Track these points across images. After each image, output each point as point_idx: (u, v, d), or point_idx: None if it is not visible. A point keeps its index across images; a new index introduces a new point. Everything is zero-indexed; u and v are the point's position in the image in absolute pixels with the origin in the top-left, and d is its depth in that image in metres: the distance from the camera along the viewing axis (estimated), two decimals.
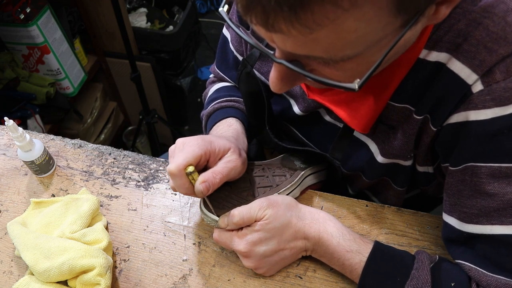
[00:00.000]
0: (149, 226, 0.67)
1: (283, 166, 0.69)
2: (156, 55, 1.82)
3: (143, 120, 1.77)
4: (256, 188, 0.63)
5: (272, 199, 0.58)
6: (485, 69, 0.46)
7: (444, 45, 0.49)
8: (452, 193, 0.54)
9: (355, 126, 0.58)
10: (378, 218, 0.67)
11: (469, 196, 0.52)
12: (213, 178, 0.56)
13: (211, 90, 0.85)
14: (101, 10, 1.62)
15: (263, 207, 0.56)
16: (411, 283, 0.52)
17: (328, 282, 0.60)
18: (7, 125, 0.64)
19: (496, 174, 0.48)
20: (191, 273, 0.62)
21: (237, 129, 0.71)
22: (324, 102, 0.60)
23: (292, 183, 0.66)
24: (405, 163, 0.61)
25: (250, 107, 0.74)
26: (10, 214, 0.70)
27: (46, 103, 1.47)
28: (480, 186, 0.50)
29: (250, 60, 0.69)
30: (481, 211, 0.51)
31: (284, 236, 0.57)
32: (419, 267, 0.53)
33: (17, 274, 0.63)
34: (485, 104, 0.47)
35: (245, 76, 0.70)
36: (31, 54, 1.45)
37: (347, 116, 0.58)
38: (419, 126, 0.55)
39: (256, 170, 0.67)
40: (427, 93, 0.52)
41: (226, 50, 0.79)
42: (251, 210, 0.56)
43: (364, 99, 0.55)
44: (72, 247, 0.58)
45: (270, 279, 0.61)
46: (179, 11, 1.99)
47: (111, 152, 0.77)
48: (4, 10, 1.33)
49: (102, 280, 0.57)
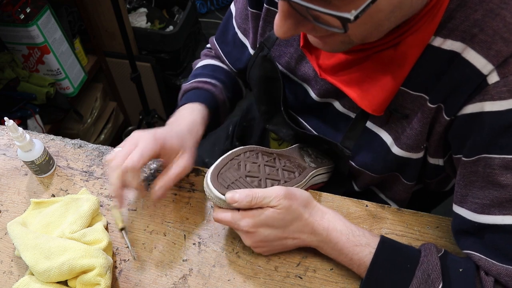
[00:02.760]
0: (149, 226, 0.67)
1: (293, 160, 0.69)
2: (156, 55, 1.82)
3: (143, 120, 1.77)
4: (265, 179, 0.63)
5: (290, 191, 0.57)
6: (501, 60, 0.47)
7: (460, 34, 0.49)
8: (464, 184, 0.54)
9: (365, 107, 0.58)
10: (378, 218, 0.67)
11: (482, 187, 0.52)
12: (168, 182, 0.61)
13: (200, 63, 0.87)
14: (101, 10, 1.62)
15: (279, 196, 0.56)
16: (421, 268, 0.53)
17: (328, 282, 0.61)
18: (7, 125, 0.64)
19: (510, 166, 0.49)
20: (191, 273, 0.62)
21: (195, 119, 0.72)
22: (335, 82, 0.60)
23: (300, 183, 0.66)
24: (417, 156, 0.61)
25: (262, 92, 0.74)
26: (10, 214, 0.70)
27: (46, 103, 1.47)
28: (493, 177, 0.50)
29: (268, 43, 0.69)
30: (493, 201, 0.51)
31: (292, 227, 0.58)
32: (427, 254, 0.54)
33: (17, 274, 0.63)
34: (501, 95, 0.47)
35: (261, 60, 0.71)
36: (31, 54, 1.45)
37: (358, 96, 0.58)
38: (432, 115, 0.55)
39: (268, 158, 0.67)
40: (441, 82, 0.52)
41: (228, 25, 0.80)
42: (266, 195, 0.56)
43: (376, 80, 0.56)
44: (72, 247, 0.58)
45: (270, 279, 0.61)
46: (179, 11, 1.99)
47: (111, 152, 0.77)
48: (4, 10, 1.33)
49: (102, 280, 0.57)
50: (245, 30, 0.76)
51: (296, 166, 0.68)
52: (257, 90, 0.75)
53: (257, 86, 0.74)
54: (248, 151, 0.66)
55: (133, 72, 1.59)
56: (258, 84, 0.73)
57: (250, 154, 0.66)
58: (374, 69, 0.56)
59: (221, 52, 0.84)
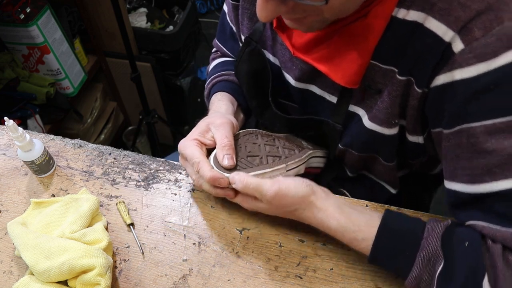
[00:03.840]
0: (149, 226, 0.67)
1: (291, 141, 0.71)
2: (156, 55, 1.82)
3: (143, 120, 1.77)
4: (266, 156, 0.65)
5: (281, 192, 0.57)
6: (460, 25, 0.48)
7: (420, 3, 0.51)
8: (451, 158, 0.54)
9: (338, 80, 0.60)
10: None
11: (469, 157, 0.51)
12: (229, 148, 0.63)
13: (210, 67, 0.89)
14: (101, 10, 1.62)
15: (268, 195, 0.57)
16: (421, 253, 0.52)
17: (328, 282, 0.61)
18: (7, 125, 0.64)
19: (492, 131, 0.49)
20: (191, 273, 0.62)
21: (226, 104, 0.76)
22: (308, 60, 0.62)
23: (301, 158, 0.67)
24: (390, 132, 0.61)
25: (252, 87, 0.75)
26: (10, 214, 0.70)
27: (46, 103, 1.47)
28: (478, 145, 0.50)
29: (254, 37, 0.71)
30: (483, 170, 0.50)
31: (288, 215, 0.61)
32: (429, 235, 0.53)
33: (17, 274, 0.63)
34: (468, 61, 0.48)
35: (248, 55, 0.72)
36: (31, 54, 1.45)
37: (330, 71, 0.60)
38: (403, 88, 0.56)
39: (267, 139, 0.69)
40: (407, 53, 0.54)
41: (224, 23, 0.83)
42: (257, 189, 0.57)
43: (346, 53, 0.58)
44: (72, 247, 0.58)
45: (270, 279, 0.61)
46: (179, 11, 1.99)
47: (111, 152, 0.77)
48: (4, 10, 1.33)
49: (102, 280, 0.57)
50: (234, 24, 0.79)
51: (295, 146, 0.70)
52: (246, 86, 0.76)
53: (246, 81, 0.75)
54: (247, 134, 0.69)
55: (133, 72, 1.59)
56: (247, 79, 0.75)
57: (249, 136, 0.68)
58: (344, 42, 0.58)
59: (225, 49, 0.86)
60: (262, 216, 0.67)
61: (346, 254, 0.63)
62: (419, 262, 0.52)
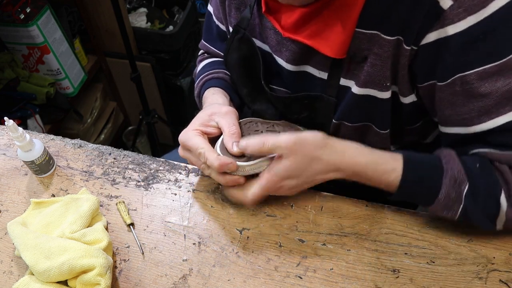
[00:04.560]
0: (149, 226, 0.67)
1: (290, 127, 0.71)
2: (156, 55, 1.82)
3: (143, 120, 1.77)
4: None
5: (300, 138, 0.58)
6: None
7: None
8: (446, 107, 0.58)
9: (328, 52, 0.60)
10: (378, 218, 0.67)
11: (464, 103, 0.56)
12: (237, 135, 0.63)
13: (198, 68, 0.89)
14: (101, 10, 1.62)
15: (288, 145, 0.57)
16: (447, 176, 0.57)
17: (328, 282, 0.61)
18: (7, 125, 0.64)
19: (484, 76, 0.53)
20: (191, 273, 0.62)
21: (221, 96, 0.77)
22: (298, 38, 0.63)
23: None
24: (382, 95, 0.62)
25: (243, 74, 0.75)
26: (10, 214, 0.70)
27: (46, 103, 1.47)
28: (473, 91, 0.54)
29: (242, 24, 0.71)
30: (480, 112, 0.55)
31: (312, 171, 0.59)
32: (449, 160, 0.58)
33: (17, 274, 0.63)
34: (459, 16, 0.50)
35: (237, 43, 0.73)
36: (31, 54, 1.45)
37: (319, 44, 0.61)
38: (393, 49, 0.57)
39: (267, 125, 0.69)
40: (394, 14, 0.55)
41: (210, 23, 0.84)
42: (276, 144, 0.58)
43: (333, 26, 0.59)
44: (72, 247, 0.58)
45: (270, 279, 0.61)
46: (179, 11, 1.99)
47: (111, 152, 0.77)
48: (4, 10, 1.33)
49: (102, 280, 0.57)
50: (221, 19, 0.79)
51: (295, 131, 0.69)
52: (236, 74, 0.76)
53: (236, 69, 0.76)
54: (248, 122, 0.69)
55: (133, 72, 1.59)
56: (237, 67, 0.75)
57: (250, 124, 0.69)
58: (331, 15, 0.59)
59: (214, 49, 0.87)
60: (262, 216, 0.67)
61: (346, 254, 0.63)
62: (447, 182, 0.56)
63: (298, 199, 0.69)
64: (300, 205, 0.68)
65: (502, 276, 0.60)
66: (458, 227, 0.65)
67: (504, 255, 0.62)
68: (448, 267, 0.61)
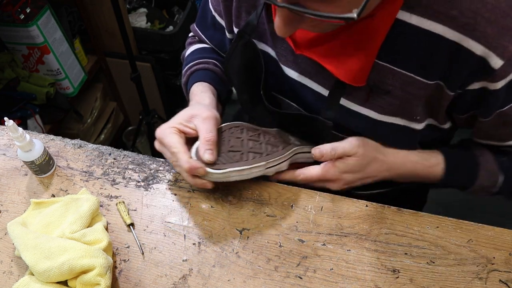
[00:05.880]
0: (149, 226, 0.67)
1: (278, 137, 0.71)
2: (156, 55, 1.82)
3: (143, 120, 1.77)
4: (247, 152, 0.66)
5: (363, 140, 0.65)
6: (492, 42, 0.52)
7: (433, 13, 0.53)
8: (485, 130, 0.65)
9: (342, 77, 0.61)
10: (378, 218, 0.67)
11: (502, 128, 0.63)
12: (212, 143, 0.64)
13: (187, 52, 0.89)
14: (101, 10, 1.62)
15: (355, 145, 0.63)
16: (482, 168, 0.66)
17: (328, 282, 0.61)
18: (7, 125, 0.64)
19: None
20: (191, 273, 0.62)
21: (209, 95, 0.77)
22: (312, 55, 0.63)
23: (283, 155, 0.67)
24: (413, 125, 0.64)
25: (244, 81, 0.75)
26: (10, 214, 0.70)
27: (46, 103, 1.47)
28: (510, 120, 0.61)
29: (248, 29, 0.70)
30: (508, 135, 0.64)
31: (370, 169, 0.66)
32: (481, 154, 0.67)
33: (17, 274, 0.63)
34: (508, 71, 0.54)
35: (242, 48, 0.72)
36: (31, 54, 1.45)
37: (335, 67, 0.61)
38: (432, 91, 0.59)
39: (252, 133, 0.69)
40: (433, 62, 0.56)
41: (206, 9, 0.82)
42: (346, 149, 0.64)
43: (352, 50, 0.59)
44: (72, 247, 0.58)
45: (270, 279, 0.61)
46: (179, 11, 1.99)
47: (111, 152, 0.77)
48: (4, 10, 1.33)
49: (102, 280, 0.57)
50: (220, 13, 0.77)
51: (280, 142, 0.70)
52: (237, 80, 0.76)
53: (237, 75, 0.75)
54: (233, 127, 0.70)
55: (133, 72, 1.59)
56: (238, 73, 0.74)
57: (234, 129, 0.69)
58: (350, 41, 0.59)
59: (204, 37, 0.86)
60: (262, 216, 0.67)
61: (346, 254, 0.63)
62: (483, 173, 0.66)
63: (298, 199, 0.69)
64: (300, 205, 0.68)
65: (502, 276, 0.60)
66: (458, 227, 0.65)
67: (504, 255, 0.62)
68: (448, 267, 0.61)
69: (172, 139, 0.64)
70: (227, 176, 0.63)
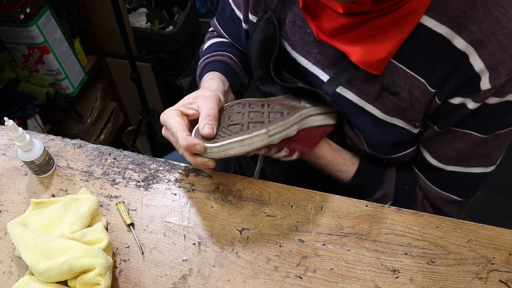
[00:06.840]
0: (149, 226, 0.67)
1: (287, 103, 0.69)
2: (156, 55, 1.82)
3: (143, 120, 1.77)
4: (247, 123, 0.63)
5: None
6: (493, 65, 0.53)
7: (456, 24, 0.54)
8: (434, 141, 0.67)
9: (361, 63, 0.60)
10: (378, 218, 0.67)
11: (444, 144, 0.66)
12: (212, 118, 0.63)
13: (205, 46, 0.89)
14: (101, 10, 1.62)
15: None
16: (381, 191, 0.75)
17: (328, 282, 0.61)
18: (7, 125, 0.64)
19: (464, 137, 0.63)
20: (191, 273, 0.62)
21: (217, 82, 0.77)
22: (333, 43, 0.63)
23: (287, 121, 0.64)
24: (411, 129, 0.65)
25: (261, 55, 0.75)
26: (10, 214, 0.70)
27: (46, 103, 1.47)
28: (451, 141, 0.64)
29: (271, 5, 0.71)
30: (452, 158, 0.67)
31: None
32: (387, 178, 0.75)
33: (17, 274, 0.63)
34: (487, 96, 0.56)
35: (265, 22, 0.72)
36: (31, 54, 1.45)
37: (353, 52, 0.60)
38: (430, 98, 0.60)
39: (255, 105, 0.67)
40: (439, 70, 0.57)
41: (225, 3, 0.82)
42: None
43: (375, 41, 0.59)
44: (72, 247, 0.58)
45: (270, 279, 0.61)
46: (179, 11, 1.99)
47: (111, 152, 0.77)
48: (4, 10, 1.33)
49: (102, 280, 0.57)
50: (239, 5, 0.78)
51: (287, 107, 0.67)
52: (256, 54, 0.75)
53: (257, 50, 0.75)
54: (235, 104, 0.68)
55: (133, 72, 1.59)
56: (257, 47, 0.74)
57: (236, 106, 0.68)
58: (373, 32, 0.59)
59: (223, 31, 0.86)
60: (262, 216, 0.67)
61: (346, 254, 0.63)
62: (378, 196, 0.75)
63: (298, 199, 0.69)
64: (300, 205, 0.68)
65: (502, 276, 0.60)
66: (458, 227, 0.65)
67: (504, 255, 0.62)
68: (448, 267, 0.61)
69: (172, 120, 0.63)
70: (227, 148, 0.60)
